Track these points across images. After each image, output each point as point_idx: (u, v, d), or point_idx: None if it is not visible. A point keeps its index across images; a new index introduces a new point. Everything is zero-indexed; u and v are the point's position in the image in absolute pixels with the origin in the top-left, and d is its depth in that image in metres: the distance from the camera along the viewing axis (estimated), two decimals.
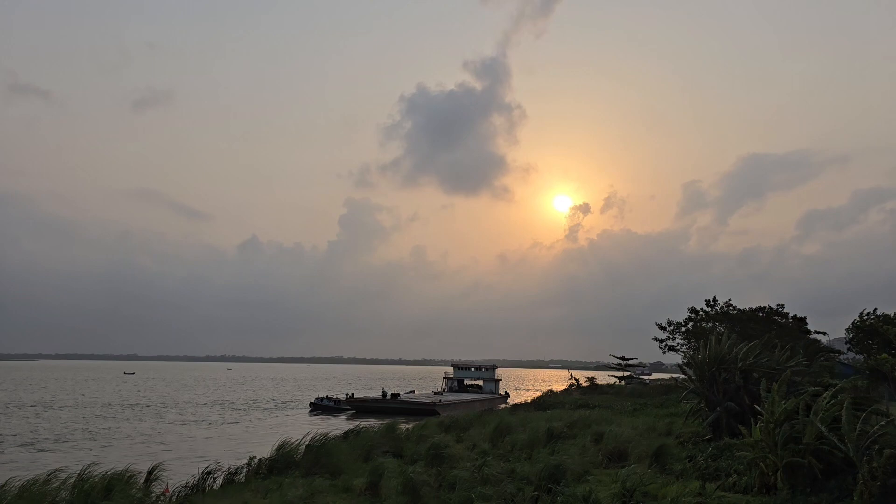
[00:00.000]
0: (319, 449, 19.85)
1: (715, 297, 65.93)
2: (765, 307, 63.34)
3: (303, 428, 30.12)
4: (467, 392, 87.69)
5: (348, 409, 65.37)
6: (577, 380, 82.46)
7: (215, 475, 17.65)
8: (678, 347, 68.03)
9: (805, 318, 62.56)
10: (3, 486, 11.90)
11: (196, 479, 17.14)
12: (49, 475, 12.94)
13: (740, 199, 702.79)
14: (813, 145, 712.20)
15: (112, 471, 14.03)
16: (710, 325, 62.30)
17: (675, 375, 59.76)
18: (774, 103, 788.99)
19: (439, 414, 53.91)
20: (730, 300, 65.33)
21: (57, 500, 12.13)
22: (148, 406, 69.25)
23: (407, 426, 29.60)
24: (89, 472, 13.63)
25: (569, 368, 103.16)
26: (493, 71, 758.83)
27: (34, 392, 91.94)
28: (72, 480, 13.07)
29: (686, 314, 67.91)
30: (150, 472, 15.67)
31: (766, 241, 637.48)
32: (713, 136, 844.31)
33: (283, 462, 19.19)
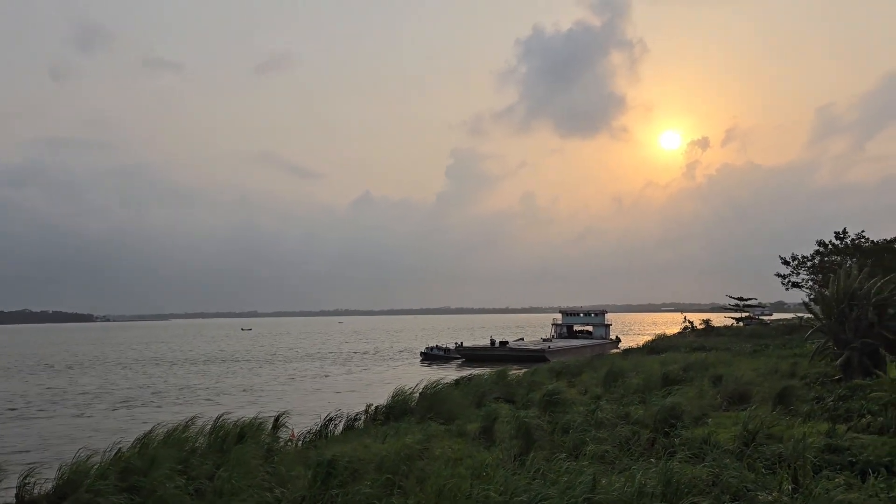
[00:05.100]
0: (433, 396, 20.37)
1: (845, 228, 61.50)
2: None
3: (415, 376, 31.06)
4: (577, 338, 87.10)
5: (458, 358, 66.71)
6: (691, 322, 79.71)
7: (336, 422, 18.58)
8: (803, 284, 64.18)
9: None
10: (149, 432, 13.00)
11: (318, 425, 18.14)
12: (187, 423, 14.05)
13: (882, 121, 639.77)
14: None
15: (242, 419, 15.02)
16: (838, 258, 58.19)
17: (798, 315, 56.52)
18: None
19: (549, 360, 53.96)
20: (862, 231, 60.72)
21: (196, 444, 13.17)
22: (250, 360, 73.70)
23: (517, 372, 29.81)
24: (223, 420, 14.65)
25: (682, 311, 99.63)
26: (612, 4, 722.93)
27: (164, 349, 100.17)
28: (208, 427, 14.12)
29: (813, 249, 63.91)
30: (276, 420, 16.66)
31: None
32: (851, 54, 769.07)
33: (399, 409, 19.88)
